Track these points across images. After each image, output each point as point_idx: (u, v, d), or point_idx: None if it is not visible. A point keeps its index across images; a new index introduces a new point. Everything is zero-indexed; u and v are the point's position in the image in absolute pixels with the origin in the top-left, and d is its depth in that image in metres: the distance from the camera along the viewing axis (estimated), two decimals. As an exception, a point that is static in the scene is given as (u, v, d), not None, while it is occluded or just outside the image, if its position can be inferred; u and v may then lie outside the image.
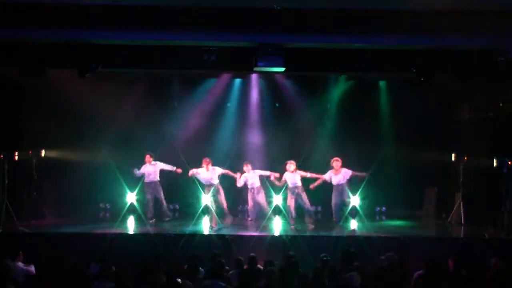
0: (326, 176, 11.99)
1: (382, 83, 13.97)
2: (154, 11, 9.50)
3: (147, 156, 12.40)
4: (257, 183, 12.18)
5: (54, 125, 12.91)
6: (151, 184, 12.39)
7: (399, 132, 13.61)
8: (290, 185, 11.89)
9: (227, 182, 12.37)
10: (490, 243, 10.36)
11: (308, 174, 12.01)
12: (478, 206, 12.15)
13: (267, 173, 12.17)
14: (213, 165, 12.07)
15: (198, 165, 12.17)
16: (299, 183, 11.91)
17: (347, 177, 11.98)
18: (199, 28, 9.64)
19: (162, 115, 13.83)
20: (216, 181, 12.03)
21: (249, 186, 12.19)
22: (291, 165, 11.90)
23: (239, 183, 12.16)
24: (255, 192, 12.16)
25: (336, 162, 11.97)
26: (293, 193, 11.88)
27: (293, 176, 11.89)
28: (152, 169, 12.40)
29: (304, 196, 11.91)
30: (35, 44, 10.40)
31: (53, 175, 13.07)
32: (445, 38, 9.83)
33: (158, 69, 12.08)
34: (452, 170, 12.67)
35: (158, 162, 12.47)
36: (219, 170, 12.07)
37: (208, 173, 12.01)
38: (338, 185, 11.96)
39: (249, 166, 12.23)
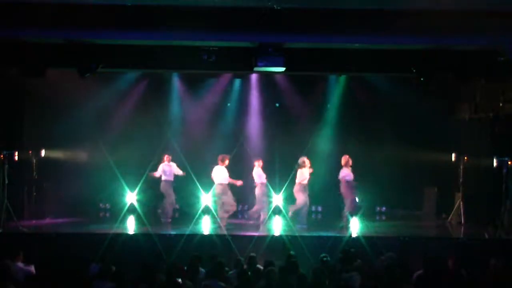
0: (343, 174, 11.74)
1: (382, 84, 13.98)
2: (154, 11, 9.49)
3: (166, 156, 12.37)
4: (264, 179, 12.05)
5: (54, 125, 12.91)
6: (168, 182, 12.31)
7: (399, 132, 13.62)
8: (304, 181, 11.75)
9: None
10: (490, 243, 10.36)
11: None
12: (478, 206, 12.16)
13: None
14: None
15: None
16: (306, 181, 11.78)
17: (347, 178, 11.85)
18: (199, 28, 9.62)
19: (162, 115, 13.84)
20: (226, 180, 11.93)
21: (258, 182, 12.06)
22: (306, 161, 11.79)
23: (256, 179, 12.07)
24: (264, 188, 12.05)
25: (349, 160, 11.79)
26: (305, 190, 11.78)
27: (306, 173, 11.77)
28: (168, 168, 12.35)
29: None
30: (35, 44, 10.40)
31: (53, 175, 13.07)
32: (445, 38, 9.82)
33: (158, 69, 12.09)
34: (452, 170, 12.66)
35: (174, 164, 12.41)
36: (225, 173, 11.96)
37: (224, 170, 11.89)
38: (352, 181, 11.83)
39: (261, 162, 12.16)
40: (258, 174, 12.07)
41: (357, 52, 10.74)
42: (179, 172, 12.41)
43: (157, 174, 12.34)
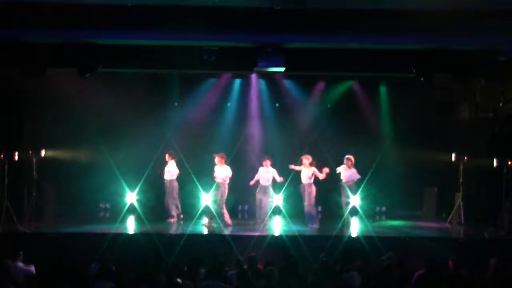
0: (339, 169, 11.96)
1: (382, 84, 13.98)
2: (154, 11, 9.50)
3: (167, 155, 12.38)
4: (269, 181, 12.08)
5: (54, 125, 12.91)
6: (171, 182, 12.32)
7: (399, 132, 13.61)
8: (305, 181, 11.82)
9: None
10: (490, 243, 10.36)
11: (321, 176, 11.86)
12: (478, 206, 12.16)
13: (279, 178, 12.08)
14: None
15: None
16: (312, 180, 11.84)
17: (354, 178, 11.94)
18: (199, 28, 9.63)
19: (162, 115, 13.85)
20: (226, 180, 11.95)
21: (261, 183, 12.08)
22: (306, 160, 11.82)
23: (253, 181, 12.12)
24: (263, 190, 12.07)
25: (347, 160, 11.94)
26: (303, 191, 11.83)
27: (308, 172, 11.81)
28: (172, 167, 12.35)
29: (314, 197, 11.85)
30: (35, 44, 10.40)
31: (53, 175, 13.07)
32: (445, 38, 9.84)
33: (158, 69, 12.10)
34: (452, 170, 12.67)
35: (172, 163, 12.39)
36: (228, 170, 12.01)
37: (221, 169, 11.93)
38: (345, 182, 11.92)
39: (268, 162, 12.16)
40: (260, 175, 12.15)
41: (357, 52, 10.74)
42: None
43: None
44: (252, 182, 12.19)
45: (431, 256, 7.61)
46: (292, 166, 12.00)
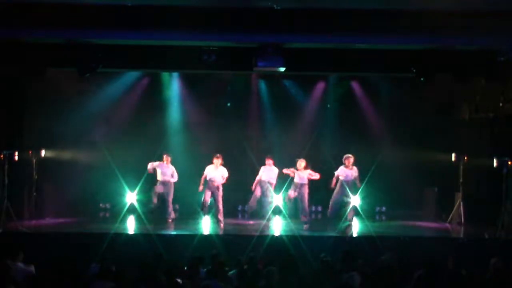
0: (338, 172, 11.91)
1: (382, 84, 13.97)
2: (154, 11, 9.50)
3: (165, 156, 12.35)
4: (272, 180, 12.20)
5: (54, 125, 12.91)
6: (164, 183, 12.26)
7: (399, 132, 13.62)
8: (297, 181, 11.85)
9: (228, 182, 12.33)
10: (490, 243, 10.37)
11: (317, 176, 11.88)
12: (478, 206, 12.15)
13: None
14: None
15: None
16: (306, 181, 11.87)
17: (355, 175, 11.94)
18: (199, 28, 9.64)
19: (162, 115, 13.85)
20: (221, 180, 12.04)
21: (263, 179, 12.20)
22: (301, 163, 11.86)
23: (255, 185, 12.24)
24: (265, 187, 12.13)
25: (349, 159, 11.91)
26: (295, 189, 11.85)
27: (302, 174, 11.85)
28: (167, 170, 12.32)
29: (306, 196, 11.88)
30: (35, 44, 10.40)
31: (53, 175, 13.07)
32: (445, 38, 9.84)
33: (158, 69, 12.10)
34: (452, 170, 12.66)
35: (173, 167, 12.35)
36: (225, 171, 12.08)
37: (217, 170, 12.00)
38: (346, 181, 11.92)
39: (271, 161, 12.27)
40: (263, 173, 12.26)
41: (357, 52, 10.74)
42: (175, 179, 12.36)
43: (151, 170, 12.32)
44: (254, 187, 12.25)
45: (431, 256, 7.60)
46: (285, 170, 12.04)
